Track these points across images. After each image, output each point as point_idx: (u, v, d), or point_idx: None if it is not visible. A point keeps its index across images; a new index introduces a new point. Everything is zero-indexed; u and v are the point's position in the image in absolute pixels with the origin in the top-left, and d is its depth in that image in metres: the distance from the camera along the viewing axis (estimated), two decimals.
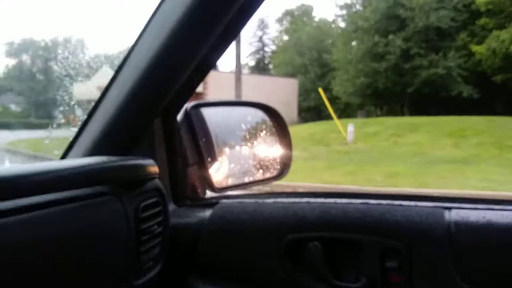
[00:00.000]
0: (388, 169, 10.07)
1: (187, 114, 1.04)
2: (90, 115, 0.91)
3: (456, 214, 0.81)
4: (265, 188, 1.44)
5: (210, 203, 1.00)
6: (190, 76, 0.92)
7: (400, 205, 0.85)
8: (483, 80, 25.09)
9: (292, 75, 38.77)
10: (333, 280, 0.86)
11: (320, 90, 18.48)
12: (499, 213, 0.79)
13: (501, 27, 22.99)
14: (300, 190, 8.27)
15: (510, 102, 25.76)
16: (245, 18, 0.89)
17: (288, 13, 53.47)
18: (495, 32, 22.89)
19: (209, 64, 0.96)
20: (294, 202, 0.92)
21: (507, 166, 10.26)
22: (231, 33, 0.90)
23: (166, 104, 0.94)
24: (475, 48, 23.84)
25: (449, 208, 0.82)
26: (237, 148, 1.22)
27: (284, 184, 7.90)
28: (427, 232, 0.79)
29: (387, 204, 0.86)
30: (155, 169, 0.85)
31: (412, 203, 0.85)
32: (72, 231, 0.69)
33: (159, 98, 0.91)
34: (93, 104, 0.93)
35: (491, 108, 23.74)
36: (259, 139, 1.25)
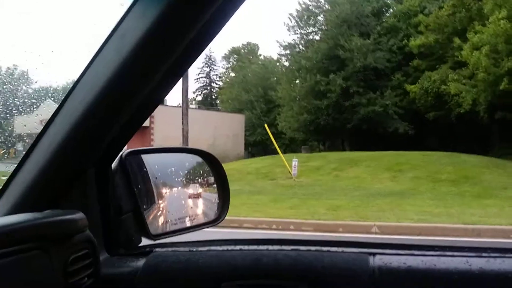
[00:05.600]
0: (331, 203, 10.32)
1: (122, 161, 1.03)
2: (19, 167, 0.87)
3: (379, 260, 0.85)
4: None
5: (144, 252, 0.99)
6: (129, 121, 0.92)
7: (328, 251, 0.89)
8: (417, 117, 26.73)
9: (239, 110, 39.27)
10: None
11: (266, 126, 18.81)
12: (419, 258, 0.84)
13: (432, 68, 24.84)
14: (246, 225, 8.26)
15: (442, 138, 27.53)
16: (192, 57, 0.89)
17: (235, 50, 54.69)
18: (427, 73, 24.66)
19: (150, 107, 0.95)
20: (227, 250, 0.93)
21: (441, 199, 10.86)
22: (176, 73, 0.90)
23: (101, 151, 0.93)
24: (409, 87, 25.48)
25: (373, 254, 0.87)
26: (175, 193, 1.22)
27: (230, 219, 7.87)
28: (352, 278, 0.83)
29: (316, 251, 0.89)
30: (84, 222, 0.82)
31: (339, 249, 0.89)
32: None
33: (95, 146, 0.90)
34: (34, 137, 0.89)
35: (425, 144, 25.22)
36: (196, 185, 1.26)
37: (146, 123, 24.69)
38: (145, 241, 1.07)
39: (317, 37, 31.83)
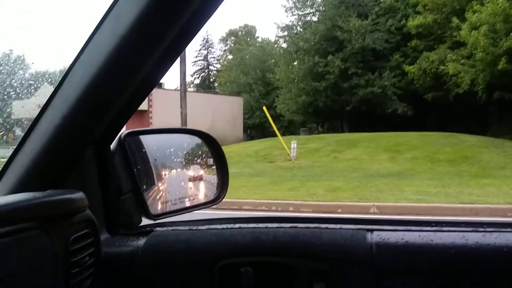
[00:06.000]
0: (330, 184, 10.36)
1: (121, 142, 1.03)
2: (17, 149, 0.88)
3: (377, 236, 0.86)
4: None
5: (145, 231, 1.00)
6: (126, 102, 0.92)
7: (326, 228, 0.90)
8: (416, 98, 26.62)
9: (237, 93, 39.08)
10: None
11: (264, 108, 18.74)
12: (416, 234, 0.85)
13: (430, 48, 24.63)
14: (245, 207, 8.31)
15: (441, 118, 27.52)
16: (187, 38, 0.88)
17: (232, 33, 54.20)
18: (425, 53, 24.46)
19: (147, 87, 0.95)
20: (227, 228, 0.94)
21: (439, 179, 10.90)
22: (173, 53, 0.89)
23: (99, 132, 0.93)
24: (407, 68, 25.32)
25: (371, 230, 0.88)
26: (175, 174, 1.23)
27: (229, 201, 7.91)
28: (350, 254, 0.84)
29: (315, 228, 0.90)
30: (84, 201, 0.83)
31: (337, 226, 0.90)
32: None
33: (92, 127, 0.89)
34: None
35: (423, 124, 25.21)
36: (196, 165, 1.27)
37: (145, 107, 24.60)
38: (145, 221, 1.08)
39: (314, 18, 31.47)
